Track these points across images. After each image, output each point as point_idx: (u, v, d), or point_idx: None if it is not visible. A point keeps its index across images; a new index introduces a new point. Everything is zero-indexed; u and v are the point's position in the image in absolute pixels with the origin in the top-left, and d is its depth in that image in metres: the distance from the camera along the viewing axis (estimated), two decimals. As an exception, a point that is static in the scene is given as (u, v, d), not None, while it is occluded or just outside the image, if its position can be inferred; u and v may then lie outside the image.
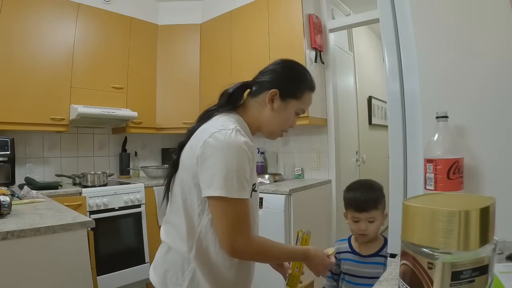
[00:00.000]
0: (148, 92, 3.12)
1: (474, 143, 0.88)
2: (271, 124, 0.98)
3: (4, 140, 2.24)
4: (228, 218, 0.82)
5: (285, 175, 2.84)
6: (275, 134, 1.01)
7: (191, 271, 0.89)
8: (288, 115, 0.98)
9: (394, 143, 1.02)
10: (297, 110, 0.98)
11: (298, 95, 0.96)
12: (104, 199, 2.43)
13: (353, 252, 1.24)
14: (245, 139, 0.85)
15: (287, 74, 0.98)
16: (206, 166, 0.83)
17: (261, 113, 0.97)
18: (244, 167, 0.83)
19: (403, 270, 0.48)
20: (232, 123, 0.89)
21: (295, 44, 2.49)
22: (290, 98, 0.96)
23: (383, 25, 1.05)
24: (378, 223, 1.20)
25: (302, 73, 1.00)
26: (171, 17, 3.25)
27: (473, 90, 0.89)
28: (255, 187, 0.94)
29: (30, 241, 1.13)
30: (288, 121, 0.99)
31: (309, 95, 0.99)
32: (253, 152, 0.88)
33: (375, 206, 1.19)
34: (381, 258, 1.20)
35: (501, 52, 0.86)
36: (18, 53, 2.35)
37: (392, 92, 1.02)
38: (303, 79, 0.99)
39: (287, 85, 0.96)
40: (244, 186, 0.83)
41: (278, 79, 0.96)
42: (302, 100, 0.97)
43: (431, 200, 0.51)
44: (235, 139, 0.83)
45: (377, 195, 1.21)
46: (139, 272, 2.55)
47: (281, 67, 0.99)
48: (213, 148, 0.82)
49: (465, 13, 0.92)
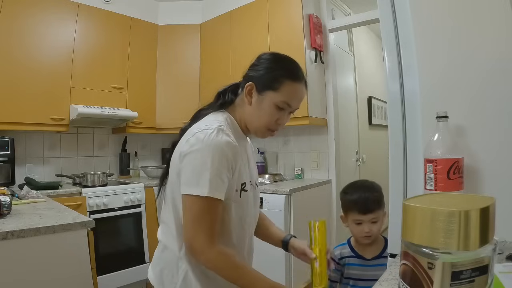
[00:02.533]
0: (148, 92, 3.12)
1: (474, 143, 0.88)
2: (252, 121, 0.93)
3: (4, 140, 2.24)
4: (192, 214, 0.82)
5: (285, 175, 2.84)
6: (260, 131, 0.94)
7: (184, 270, 0.89)
8: (267, 109, 0.90)
9: (394, 143, 1.02)
10: (277, 103, 0.89)
11: (275, 86, 0.88)
12: (104, 199, 2.43)
13: (357, 256, 1.21)
14: (226, 139, 0.83)
15: (264, 66, 0.92)
16: (184, 164, 0.84)
17: (244, 110, 0.94)
18: (219, 167, 0.81)
19: (403, 270, 0.48)
20: (217, 122, 0.87)
21: (295, 44, 2.49)
22: (266, 90, 0.89)
23: (383, 25, 1.05)
24: (380, 223, 1.18)
25: (279, 63, 0.92)
26: (171, 17, 3.25)
27: (473, 90, 0.89)
28: (245, 187, 0.91)
29: (30, 241, 1.13)
30: (270, 116, 0.90)
31: (291, 86, 0.89)
32: (236, 152, 0.85)
33: (379, 206, 1.17)
34: (385, 259, 1.16)
35: (501, 52, 0.86)
36: (18, 53, 2.35)
37: (392, 92, 1.02)
38: (281, 68, 0.90)
39: (262, 76, 0.90)
40: (216, 186, 0.80)
41: (256, 72, 0.92)
42: (281, 92, 0.88)
43: (431, 200, 0.51)
44: (214, 138, 0.82)
45: (379, 194, 1.20)
46: (139, 272, 2.55)
47: (259, 59, 0.95)
48: (192, 147, 0.83)
49: (465, 13, 0.92)
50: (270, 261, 1.11)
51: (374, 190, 1.21)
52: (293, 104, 0.92)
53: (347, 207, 1.22)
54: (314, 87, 2.57)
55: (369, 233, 1.16)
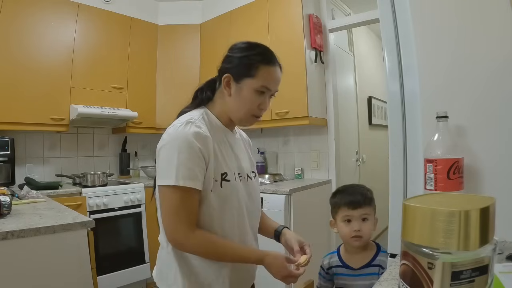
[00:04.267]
0: (148, 92, 3.12)
1: (474, 143, 0.88)
2: (235, 110, 0.94)
3: (4, 140, 2.24)
4: (167, 206, 0.84)
5: (285, 175, 2.84)
6: (245, 120, 0.96)
7: (173, 266, 0.91)
8: (248, 96, 0.92)
9: (394, 143, 1.02)
10: (257, 88, 0.91)
11: (252, 73, 0.91)
12: (104, 199, 2.43)
13: (344, 266, 1.16)
14: (194, 129, 0.85)
15: (237, 55, 0.94)
16: (158, 159, 0.89)
17: (225, 102, 0.96)
18: (186, 157, 0.83)
19: (403, 270, 0.48)
20: (189, 117, 0.90)
21: (295, 44, 2.49)
22: (244, 78, 0.91)
23: (383, 25, 1.05)
24: (371, 224, 1.12)
25: (252, 50, 0.94)
26: (171, 17, 3.25)
27: (473, 90, 0.89)
28: (225, 177, 0.91)
29: (30, 241, 1.13)
30: (251, 102, 0.92)
31: (266, 70, 0.92)
32: (206, 142, 0.86)
33: (369, 203, 1.13)
34: (374, 268, 1.11)
35: (500, 52, 0.86)
36: (18, 53, 2.35)
37: (392, 92, 1.02)
38: (254, 55, 0.92)
39: (237, 66, 0.92)
40: (185, 175, 0.82)
41: (230, 63, 0.94)
42: (258, 77, 0.91)
43: (431, 200, 0.51)
44: (181, 130, 0.85)
45: (369, 193, 1.16)
46: (139, 272, 2.55)
47: (232, 50, 0.97)
48: (162, 141, 0.88)
49: (465, 13, 0.92)
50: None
51: (363, 188, 1.17)
52: (272, 87, 0.94)
53: (336, 207, 1.19)
54: (314, 87, 2.57)
55: (359, 232, 1.10)
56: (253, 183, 1.03)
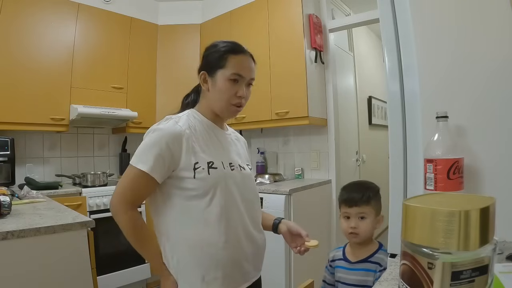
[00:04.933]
0: (148, 92, 3.12)
1: (474, 143, 0.88)
2: (215, 103, 1.00)
3: (4, 140, 2.24)
4: (122, 180, 0.93)
5: (285, 175, 2.84)
6: (227, 110, 1.01)
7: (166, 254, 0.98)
8: (223, 86, 0.97)
9: (394, 143, 1.02)
10: (229, 76, 0.97)
11: (222, 64, 0.97)
12: (104, 199, 2.43)
13: (344, 259, 1.18)
14: (168, 123, 0.93)
15: (206, 53, 1.03)
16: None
17: (207, 98, 1.03)
18: (150, 144, 0.91)
19: (403, 270, 0.48)
20: (172, 115, 0.99)
21: (295, 44, 2.49)
22: (216, 70, 0.98)
23: (383, 25, 1.05)
24: (369, 222, 1.14)
25: (220, 45, 1.01)
26: (171, 17, 3.25)
27: (473, 90, 0.89)
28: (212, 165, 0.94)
29: (30, 241, 1.13)
30: (227, 91, 0.97)
31: (235, 58, 0.98)
32: (178, 133, 0.92)
33: (367, 202, 1.14)
34: (371, 264, 1.11)
35: (501, 51, 0.86)
36: (18, 53, 2.35)
37: (392, 92, 1.02)
38: (222, 47, 1.00)
39: (209, 61, 1.00)
40: (144, 160, 0.89)
41: (202, 62, 1.03)
42: (228, 66, 0.97)
43: (431, 200, 0.51)
44: (156, 126, 0.94)
45: (372, 193, 1.16)
46: (139, 272, 2.55)
47: (204, 51, 1.05)
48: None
49: (465, 13, 0.92)
50: (270, 261, 1.11)
51: (367, 188, 1.17)
52: (244, 74, 0.99)
53: (339, 203, 1.21)
54: (314, 87, 2.57)
55: (355, 229, 1.13)
56: (247, 172, 1.07)
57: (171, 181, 0.94)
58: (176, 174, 0.93)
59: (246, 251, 0.98)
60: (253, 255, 1.00)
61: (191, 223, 0.93)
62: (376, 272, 1.09)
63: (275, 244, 1.08)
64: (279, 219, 1.14)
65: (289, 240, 1.11)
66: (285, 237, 1.11)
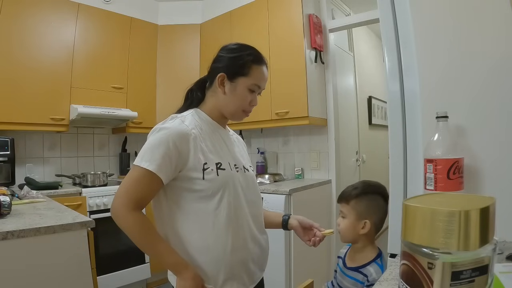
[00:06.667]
0: (148, 92, 3.12)
1: (474, 143, 0.88)
2: (228, 106, 1.00)
3: (4, 140, 2.24)
4: (126, 180, 0.89)
5: (285, 175, 2.84)
6: (237, 115, 1.02)
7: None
8: (241, 94, 0.98)
9: (394, 143, 1.02)
10: (249, 87, 0.98)
11: (245, 72, 0.97)
12: (104, 199, 2.43)
13: (343, 260, 1.17)
14: (173, 123, 0.91)
15: (230, 56, 1.00)
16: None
17: (218, 99, 1.01)
18: (155, 144, 0.88)
19: (403, 270, 0.48)
20: (177, 114, 0.98)
21: (295, 44, 2.49)
22: (238, 76, 0.98)
23: (383, 25, 1.05)
24: (348, 223, 1.10)
25: (243, 50, 1.00)
26: (171, 17, 3.25)
27: (473, 90, 0.89)
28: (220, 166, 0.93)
29: (30, 241, 1.13)
30: (244, 99, 0.99)
31: (257, 69, 0.99)
32: (184, 133, 0.90)
33: (346, 200, 1.12)
34: (360, 275, 1.06)
35: (500, 51, 0.86)
36: (18, 53, 2.35)
37: (392, 92, 1.02)
38: (246, 55, 0.99)
39: (231, 65, 0.98)
40: (149, 159, 0.86)
41: (223, 63, 1.00)
42: (251, 76, 0.98)
43: (431, 200, 0.51)
44: (161, 125, 0.92)
45: (357, 193, 1.11)
46: (139, 272, 2.54)
47: (223, 51, 1.03)
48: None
49: (465, 13, 0.92)
50: (270, 261, 1.11)
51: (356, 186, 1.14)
52: (262, 85, 1.02)
53: None
54: (314, 87, 2.57)
55: (338, 226, 1.15)
56: (251, 174, 1.07)
57: (177, 183, 0.91)
58: (184, 174, 0.90)
59: (252, 253, 0.98)
60: (258, 256, 1.01)
61: (197, 227, 0.91)
62: (364, 284, 1.04)
63: (275, 244, 1.09)
64: (288, 215, 1.15)
65: (301, 234, 1.13)
66: (297, 232, 1.13)
